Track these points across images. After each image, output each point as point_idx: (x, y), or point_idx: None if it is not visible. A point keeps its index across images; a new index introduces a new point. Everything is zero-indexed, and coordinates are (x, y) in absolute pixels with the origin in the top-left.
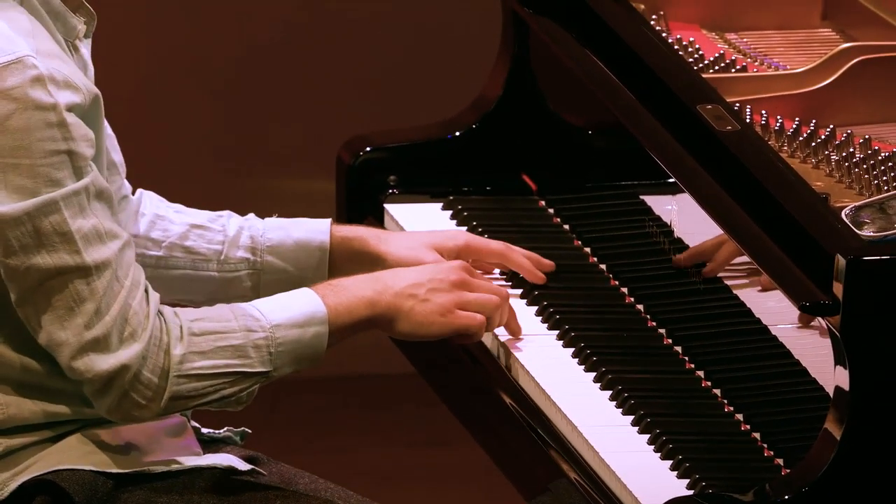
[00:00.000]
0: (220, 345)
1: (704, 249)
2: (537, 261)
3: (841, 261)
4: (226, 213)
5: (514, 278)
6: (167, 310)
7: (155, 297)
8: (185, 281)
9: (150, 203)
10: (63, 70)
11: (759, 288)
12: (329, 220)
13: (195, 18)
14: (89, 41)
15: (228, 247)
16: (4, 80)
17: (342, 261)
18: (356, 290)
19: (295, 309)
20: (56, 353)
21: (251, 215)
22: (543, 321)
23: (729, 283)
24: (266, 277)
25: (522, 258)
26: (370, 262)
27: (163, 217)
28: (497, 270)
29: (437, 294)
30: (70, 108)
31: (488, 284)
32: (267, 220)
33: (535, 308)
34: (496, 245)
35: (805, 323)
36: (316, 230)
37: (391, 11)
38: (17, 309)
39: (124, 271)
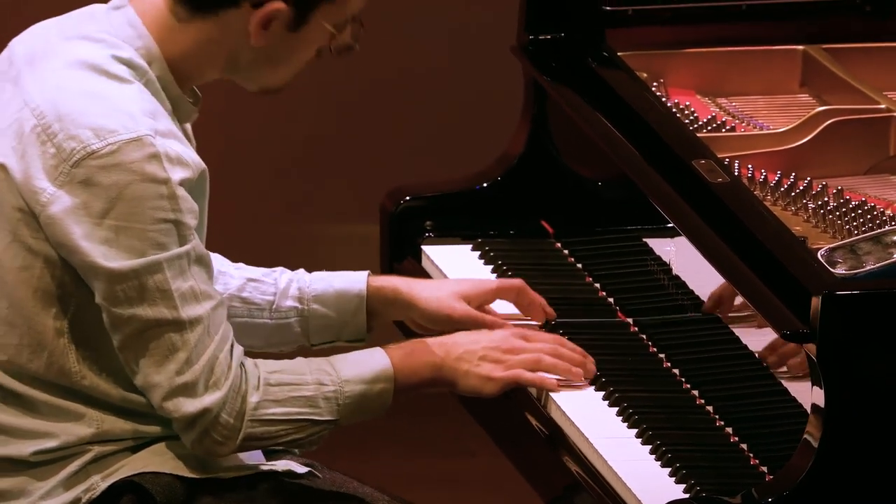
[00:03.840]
0: (293, 395)
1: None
2: (544, 305)
3: (817, 295)
4: (279, 269)
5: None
6: (249, 362)
7: (239, 350)
8: (243, 327)
9: (215, 261)
10: (177, 148)
11: (756, 325)
12: (367, 272)
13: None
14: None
15: (279, 297)
16: (126, 154)
17: (377, 306)
18: (421, 354)
19: (365, 367)
20: (149, 394)
21: (301, 270)
22: None
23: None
24: (313, 322)
25: (535, 295)
26: (402, 307)
27: (224, 272)
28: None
29: (487, 360)
30: (181, 183)
31: (539, 345)
32: (313, 273)
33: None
34: (513, 281)
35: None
36: (354, 280)
37: (427, 84)
38: (119, 353)
39: (215, 328)
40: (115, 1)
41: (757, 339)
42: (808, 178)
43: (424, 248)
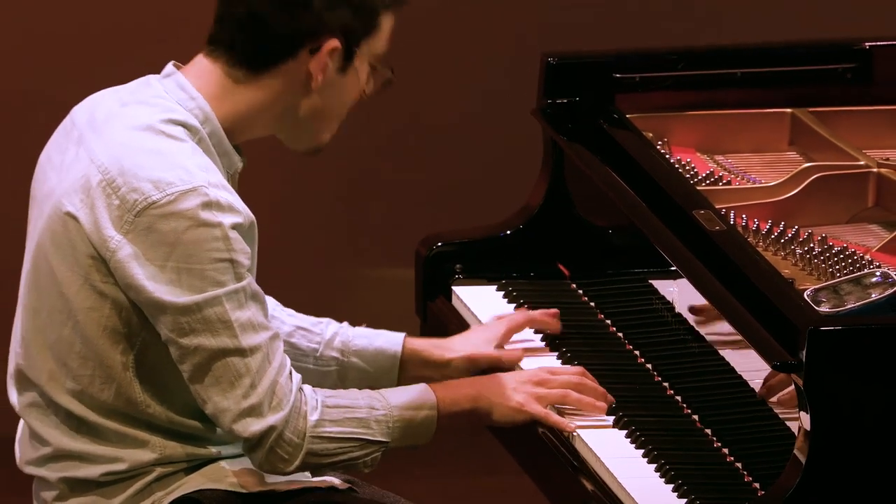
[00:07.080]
0: (348, 416)
1: None
2: (549, 313)
3: (804, 331)
4: (326, 319)
5: (548, 342)
6: (307, 387)
7: (297, 376)
8: None
9: (269, 304)
10: (228, 198)
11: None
12: (404, 334)
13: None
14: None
15: (324, 347)
16: (182, 203)
17: (410, 366)
18: (461, 387)
19: (412, 396)
20: (220, 419)
21: (345, 323)
22: None
23: (719, 348)
24: (350, 374)
25: (543, 317)
26: (434, 366)
27: (276, 317)
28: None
29: (519, 392)
30: (232, 227)
31: (566, 378)
32: (357, 328)
33: (567, 366)
34: (517, 317)
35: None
36: (392, 341)
37: (456, 143)
38: (189, 384)
39: (273, 355)
40: (166, 70)
41: (742, 359)
42: (796, 227)
43: (454, 288)
